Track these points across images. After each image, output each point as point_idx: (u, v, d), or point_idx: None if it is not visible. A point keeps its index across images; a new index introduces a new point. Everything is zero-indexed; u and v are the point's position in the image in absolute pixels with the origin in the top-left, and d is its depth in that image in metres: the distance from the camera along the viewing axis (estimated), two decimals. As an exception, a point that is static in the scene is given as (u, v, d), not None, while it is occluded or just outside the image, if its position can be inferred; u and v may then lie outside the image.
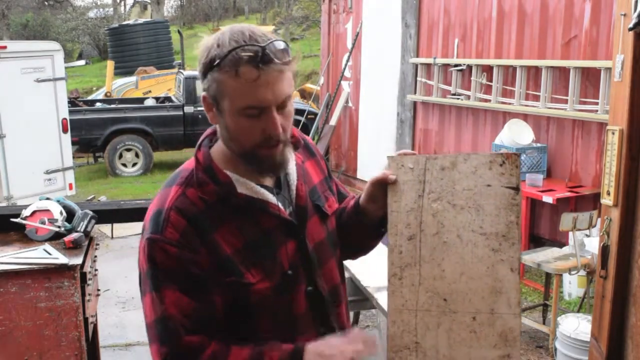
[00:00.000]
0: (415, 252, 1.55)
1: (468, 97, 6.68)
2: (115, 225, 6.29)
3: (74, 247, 3.17)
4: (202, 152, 1.46)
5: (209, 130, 1.52)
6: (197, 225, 1.39)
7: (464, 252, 1.52)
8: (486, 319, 1.49)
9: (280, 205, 1.48)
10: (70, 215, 3.42)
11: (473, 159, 1.53)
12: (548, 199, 5.27)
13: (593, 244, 4.26)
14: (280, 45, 1.38)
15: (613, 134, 2.80)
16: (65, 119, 7.56)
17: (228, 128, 1.40)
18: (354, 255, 1.86)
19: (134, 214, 3.43)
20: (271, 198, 1.47)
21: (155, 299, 1.40)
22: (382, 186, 1.61)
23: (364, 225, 1.65)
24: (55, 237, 3.29)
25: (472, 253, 1.51)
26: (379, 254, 3.66)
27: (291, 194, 1.53)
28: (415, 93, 7.59)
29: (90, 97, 14.57)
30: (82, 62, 25.34)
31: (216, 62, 1.33)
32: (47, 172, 7.45)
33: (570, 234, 4.72)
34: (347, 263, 3.35)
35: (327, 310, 1.57)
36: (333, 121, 9.06)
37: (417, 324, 1.56)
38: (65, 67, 7.91)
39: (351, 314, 4.74)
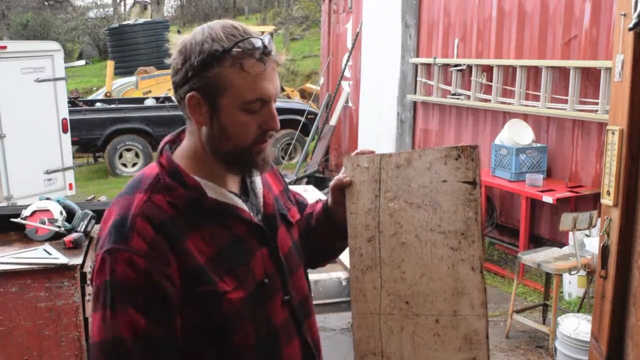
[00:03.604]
0: (375, 254, 1.50)
1: (468, 97, 6.68)
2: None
3: (74, 247, 3.18)
4: (166, 157, 1.38)
5: (168, 137, 1.45)
6: (166, 233, 1.29)
7: (423, 253, 1.45)
8: (449, 321, 1.43)
9: (249, 211, 1.43)
10: (70, 215, 3.42)
11: (428, 155, 1.46)
12: (548, 199, 5.27)
13: (593, 244, 4.26)
14: (270, 39, 1.34)
15: (613, 134, 2.80)
16: (65, 119, 7.55)
17: (224, 126, 1.33)
18: (320, 262, 1.80)
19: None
20: (240, 203, 1.41)
21: (108, 317, 1.27)
22: (341, 190, 1.56)
23: (333, 226, 1.62)
24: (55, 237, 3.29)
25: (431, 253, 1.44)
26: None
27: (258, 201, 1.48)
28: (415, 93, 7.59)
29: (90, 97, 14.58)
30: (82, 62, 25.33)
31: (217, 57, 1.28)
32: (47, 172, 7.45)
33: (570, 234, 4.72)
34: (347, 263, 3.36)
35: (301, 321, 1.51)
36: (333, 121, 9.06)
37: (381, 328, 1.52)
38: (65, 67, 7.90)
39: (350, 314, 4.74)
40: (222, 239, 1.36)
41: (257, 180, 1.51)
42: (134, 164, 10.81)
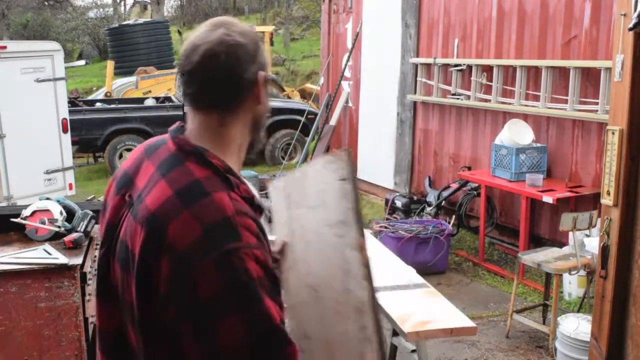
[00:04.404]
0: (292, 255, 1.75)
1: (468, 97, 6.68)
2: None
3: (74, 247, 3.18)
4: (213, 155, 1.37)
5: (185, 138, 1.42)
6: (259, 225, 1.32)
7: (321, 246, 1.66)
8: (344, 298, 1.59)
9: None
10: (70, 215, 3.42)
11: (316, 164, 1.70)
12: (548, 199, 5.27)
13: (593, 244, 4.26)
14: None
15: (613, 134, 2.80)
16: (65, 119, 7.55)
17: (263, 109, 1.46)
18: None
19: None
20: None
21: (256, 313, 1.24)
22: None
23: None
24: (55, 237, 3.29)
25: (327, 244, 1.63)
26: (379, 256, 3.68)
27: None
28: (415, 93, 7.59)
29: (90, 97, 14.57)
30: (82, 62, 25.34)
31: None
32: (47, 172, 7.44)
33: (570, 234, 4.72)
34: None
35: None
36: (333, 121, 9.06)
37: (303, 315, 1.73)
38: (65, 67, 7.89)
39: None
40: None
41: None
42: (134, 164, 10.78)
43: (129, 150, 10.71)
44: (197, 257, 1.24)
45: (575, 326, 3.86)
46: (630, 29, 2.62)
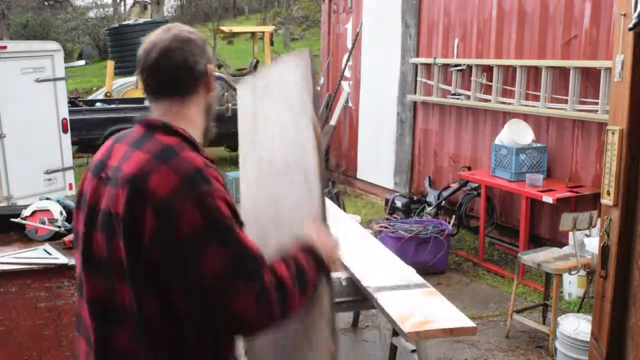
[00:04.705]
0: (256, 138, 2.12)
1: (468, 97, 6.68)
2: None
3: (74, 247, 3.17)
4: (176, 126, 1.59)
5: (158, 118, 1.64)
6: (224, 180, 1.56)
7: (281, 126, 1.91)
8: (297, 165, 1.84)
9: None
10: (70, 215, 3.42)
11: (280, 62, 1.95)
12: (548, 199, 5.27)
13: (593, 244, 4.26)
14: None
15: (613, 134, 2.80)
16: (65, 119, 7.54)
17: (213, 97, 1.71)
18: None
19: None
20: None
21: (232, 242, 1.44)
22: None
23: None
24: (55, 237, 3.29)
25: (287, 125, 1.87)
26: (379, 255, 3.67)
27: None
28: (415, 93, 7.59)
29: (90, 97, 14.57)
30: (82, 62, 25.32)
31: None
32: (47, 172, 7.44)
33: (570, 234, 4.72)
34: (347, 263, 3.36)
35: None
36: (333, 121, 9.04)
37: (260, 189, 2.13)
38: (65, 67, 7.88)
39: (351, 314, 4.74)
40: None
41: None
42: (134, 164, 10.78)
43: (129, 150, 10.70)
44: (177, 201, 1.43)
45: (575, 326, 3.86)
46: (630, 29, 2.62)
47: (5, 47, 7.01)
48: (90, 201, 1.61)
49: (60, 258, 3.03)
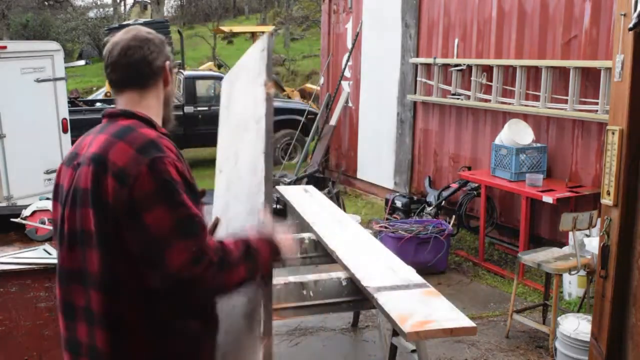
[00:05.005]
0: (229, 113, 2.52)
1: (468, 97, 6.68)
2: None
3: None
4: (135, 111, 1.81)
5: (121, 107, 1.84)
6: (177, 151, 1.78)
7: (243, 92, 2.30)
8: (251, 119, 2.12)
9: None
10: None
11: (251, 48, 2.31)
12: (548, 199, 5.27)
13: (593, 244, 4.26)
14: None
15: (613, 134, 2.80)
16: (65, 119, 7.55)
17: (171, 90, 1.93)
18: None
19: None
20: None
21: (176, 204, 1.64)
22: None
23: None
24: (55, 237, 3.28)
25: (248, 90, 2.19)
26: (379, 255, 3.67)
27: None
28: (415, 93, 7.59)
29: (90, 97, 14.56)
30: (82, 62, 25.32)
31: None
32: (47, 172, 7.43)
33: (570, 234, 4.72)
34: (347, 263, 3.36)
35: None
36: (333, 121, 9.06)
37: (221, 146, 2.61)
38: (65, 67, 7.89)
39: (351, 314, 4.74)
40: None
41: None
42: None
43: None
44: (133, 167, 1.65)
45: (575, 326, 3.86)
46: (630, 29, 2.62)
47: (5, 47, 7.01)
48: (66, 186, 1.79)
49: (60, 258, 3.02)
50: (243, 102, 2.24)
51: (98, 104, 11.85)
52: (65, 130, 7.58)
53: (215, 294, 1.77)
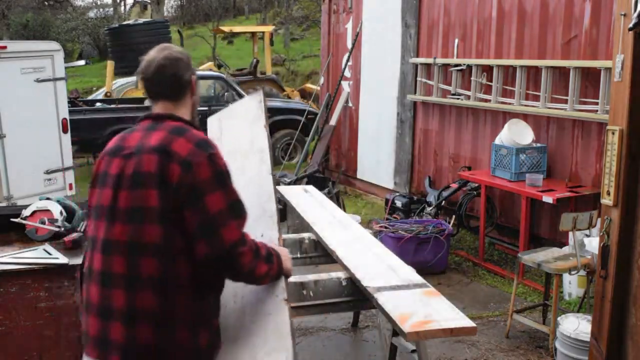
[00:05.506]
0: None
1: (468, 97, 6.67)
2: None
3: (74, 247, 3.18)
4: (179, 116, 2.21)
5: (159, 113, 2.22)
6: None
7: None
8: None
9: None
10: (70, 215, 3.42)
11: (239, 102, 3.05)
12: (548, 199, 5.27)
13: (593, 244, 4.26)
14: None
15: (613, 134, 2.80)
16: (65, 119, 7.54)
17: (197, 99, 2.32)
18: None
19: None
20: None
21: (229, 191, 2.06)
22: None
23: None
24: (55, 237, 3.29)
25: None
26: (379, 256, 3.67)
27: None
28: (415, 93, 7.59)
29: (90, 97, 14.56)
30: (82, 62, 25.25)
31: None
32: (47, 172, 7.44)
33: (570, 234, 4.72)
34: (347, 263, 3.36)
35: None
36: (333, 121, 9.05)
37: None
38: (65, 67, 7.88)
39: (351, 314, 4.74)
40: None
41: None
42: (134, 164, 10.77)
43: (129, 150, 10.68)
44: (194, 157, 2.03)
45: (575, 326, 3.86)
46: (630, 29, 2.62)
47: (5, 47, 7.01)
48: (115, 172, 2.09)
49: (60, 258, 3.03)
50: (238, 135, 2.75)
51: (98, 104, 11.85)
52: (65, 130, 7.58)
53: (242, 277, 2.14)
